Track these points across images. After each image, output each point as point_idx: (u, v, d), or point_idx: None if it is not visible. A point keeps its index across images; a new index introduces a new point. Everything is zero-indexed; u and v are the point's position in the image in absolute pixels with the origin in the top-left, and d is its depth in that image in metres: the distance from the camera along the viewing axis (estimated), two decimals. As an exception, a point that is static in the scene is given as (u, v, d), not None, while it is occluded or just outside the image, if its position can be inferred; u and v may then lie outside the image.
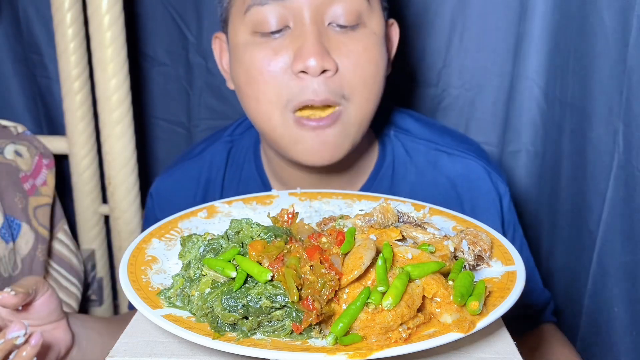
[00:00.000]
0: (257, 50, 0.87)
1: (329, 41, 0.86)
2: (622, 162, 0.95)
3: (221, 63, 1.01)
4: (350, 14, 0.86)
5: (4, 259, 1.04)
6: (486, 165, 1.03)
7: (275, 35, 0.87)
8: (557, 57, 1.18)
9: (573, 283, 1.16)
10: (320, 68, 0.84)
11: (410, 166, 1.04)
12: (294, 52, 0.85)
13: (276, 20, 0.86)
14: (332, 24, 0.87)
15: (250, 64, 0.87)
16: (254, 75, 0.87)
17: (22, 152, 1.17)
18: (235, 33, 0.90)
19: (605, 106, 0.98)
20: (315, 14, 0.85)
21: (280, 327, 0.55)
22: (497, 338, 0.60)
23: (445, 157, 1.03)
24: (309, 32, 0.85)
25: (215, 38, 1.00)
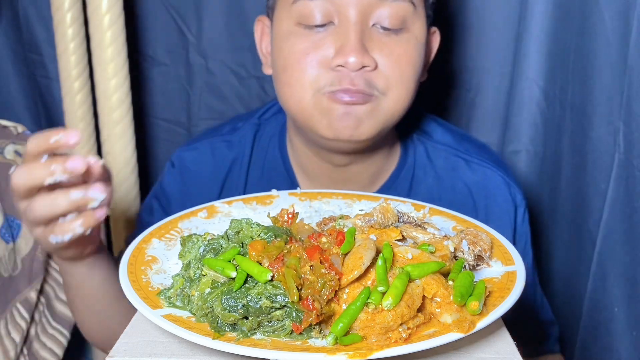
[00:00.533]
0: (299, 41, 0.89)
1: (371, 41, 0.88)
2: (622, 162, 0.95)
3: (260, 46, 1.03)
4: (396, 18, 0.88)
5: (4, 259, 1.04)
6: (505, 175, 1.05)
7: (318, 29, 0.88)
8: (557, 57, 1.18)
9: (573, 283, 1.16)
10: (359, 64, 0.86)
11: (429, 170, 1.05)
12: (335, 49, 0.87)
13: (321, 15, 0.87)
14: (376, 25, 0.89)
15: (290, 52, 0.90)
16: (291, 63, 0.90)
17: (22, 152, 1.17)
18: (280, 21, 0.92)
19: (605, 106, 0.98)
20: (361, 14, 0.87)
21: (280, 327, 0.55)
22: (497, 338, 0.60)
23: (464, 163, 1.05)
24: (352, 30, 0.87)
25: (258, 21, 1.02)
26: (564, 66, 1.14)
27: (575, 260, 1.14)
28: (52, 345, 1.13)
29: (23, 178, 0.70)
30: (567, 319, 1.17)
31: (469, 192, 1.04)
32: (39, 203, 0.70)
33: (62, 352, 1.14)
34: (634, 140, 0.91)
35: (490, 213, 1.04)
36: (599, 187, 1.01)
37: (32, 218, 0.72)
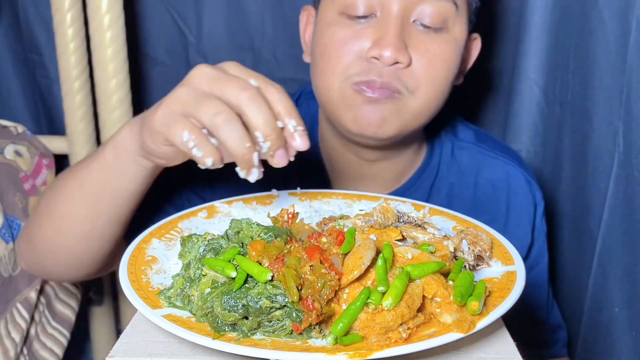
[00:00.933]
0: (340, 30, 0.91)
1: (410, 37, 0.89)
2: (622, 162, 0.95)
3: (304, 35, 1.05)
4: (437, 17, 0.89)
5: (4, 259, 1.04)
6: (526, 174, 1.06)
7: (360, 20, 0.90)
8: (557, 57, 1.18)
9: (574, 283, 1.16)
10: (393, 59, 0.87)
11: (452, 166, 1.07)
12: (373, 40, 0.88)
13: (364, 7, 0.89)
14: (416, 22, 0.90)
15: (329, 40, 0.91)
16: (329, 51, 0.91)
17: (22, 152, 1.17)
18: (324, 10, 0.94)
19: (605, 106, 0.98)
20: (403, 9, 0.88)
21: (280, 327, 0.55)
22: (497, 338, 0.60)
23: (487, 160, 1.07)
24: (392, 24, 0.88)
25: (304, 10, 1.04)
26: (564, 66, 1.14)
27: (576, 260, 1.14)
28: (52, 345, 1.13)
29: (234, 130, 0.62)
30: (568, 319, 1.17)
31: (491, 188, 1.06)
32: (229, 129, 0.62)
33: (62, 352, 1.14)
34: (633, 140, 0.91)
35: (511, 210, 1.05)
36: (599, 187, 1.01)
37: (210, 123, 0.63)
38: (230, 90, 0.63)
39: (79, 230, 0.85)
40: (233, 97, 0.63)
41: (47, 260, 0.90)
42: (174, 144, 0.65)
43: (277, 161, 0.65)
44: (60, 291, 1.18)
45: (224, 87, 0.64)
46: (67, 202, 0.84)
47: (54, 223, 0.86)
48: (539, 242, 1.07)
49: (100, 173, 0.81)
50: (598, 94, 1.00)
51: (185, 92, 0.66)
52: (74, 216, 0.84)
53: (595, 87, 1.01)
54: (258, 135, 0.63)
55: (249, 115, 0.63)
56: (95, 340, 1.45)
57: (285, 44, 1.37)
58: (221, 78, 0.65)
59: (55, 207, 0.86)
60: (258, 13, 1.35)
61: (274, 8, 1.35)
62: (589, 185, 1.05)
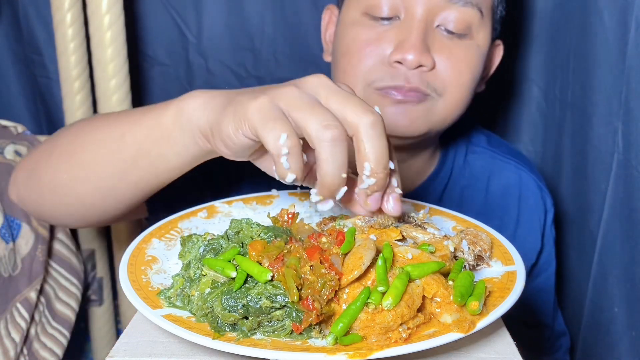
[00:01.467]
0: (363, 31, 0.90)
1: (433, 41, 0.89)
2: (621, 161, 0.95)
3: (325, 34, 1.04)
4: (461, 23, 0.89)
5: (4, 259, 1.04)
6: (538, 180, 1.07)
7: (383, 21, 0.89)
8: (557, 57, 1.18)
9: (574, 283, 1.16)
10: (416, 63, 0.86)
11: (464, 170, 1.08)
12: (396, 43, 0.88)
13: (389, 8, 0.88)
14: (440, 27, 0.89)
15: (352, 41, 0.91)
16: (351, 52, 0.90)
17: (22, 152, 1.17)
18: (347, 10, 0.93)
19: (604, 106, 0.98)
20: (428, 13, 0.88)
21: (280, 327, 0.55)
22: (497, 338, 0.60)
23: (500, 165, 1.07)
24: (416, 27, 0.87)
25: (327, 9, 1.04)
26: (564, 66, 1.14)
27: (576, 260, 1.14)
28: (52, 345, 1.13)
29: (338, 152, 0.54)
30: (568, 319, 1.17)
31: (502, 193, 1.06)
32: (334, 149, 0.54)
33: (62, 352, 1.14)
34: (633, 140, 0.91)
35: (522, 215, 1.06)
36: (599, 187, 1.01)
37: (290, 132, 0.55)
38: (352, 107, 0.55)
39: (100, 184, 0.77)
40: (353, 116, 0.55)
41: (49, 202, 0.84)
42: (264, 141, 0.55)
43: (370, 204, 0.59)
44: (60, 291, 1.18)
45: (346, 103, 0.56)
46: (97, 150, 0.76)
47: (73, 169, 0.78)
48: (547, 248, 1.08)
49: (150, 133, 0.71)
50: (597, 94, 1.00)
51: (298, 93, 0.57)
52: (100, 168, 0.76)
53: (595, 87, 1.01)
54: (366, 168, 0.56)
55: (366, 142, 0.55)
56: (95, 340, 1.45)
57: (285, 44, 1.37)
58: (343, 94, 0.57)
59: (78, 152, 0.77)
60: (258, 13, 1.35)
61: (274, 8, 1.35)
62: (589, 185, 1.05)
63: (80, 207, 0.82)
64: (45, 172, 0.82)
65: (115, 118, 0.78)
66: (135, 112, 0.76)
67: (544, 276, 1.09)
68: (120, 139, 0.74)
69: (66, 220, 0.91)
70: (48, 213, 0.90)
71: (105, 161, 0.75)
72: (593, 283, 1.05)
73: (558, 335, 1.13)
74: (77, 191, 0.79)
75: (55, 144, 0.83)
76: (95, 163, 0.76)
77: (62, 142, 0.82)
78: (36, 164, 0.85)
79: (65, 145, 0.81)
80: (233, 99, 0.62)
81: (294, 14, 1.35)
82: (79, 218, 0.86)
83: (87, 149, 0.77)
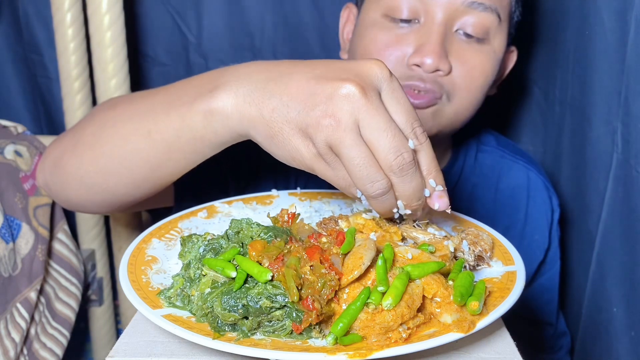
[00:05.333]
0: (382, 33, 0.91)
1: (452, 45, 0.90)
2: (620, 161, 0.95)
3: (342, 31, 1.05)
4: (480, 27, 0.90)
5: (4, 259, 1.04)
6: (545, 180, 1.09)
7: (403, 24, 0.90)
8: (557, 57, 1.18)
9: (572, 283, 1.16)
10: (434, 67, 0.87)
11: (475, 169, 1.09)
12: (415, 46, 0.88)
13: (409, 11, 0.89)
14: (459, 31, 0.90)
15: (371, 42, 0.91)
16: (370, 53, 0.91)
17: (22, 152, 1.17)
18: (367, 10, 0.94)
19: (604, 106, 0.98)
20: (448, 17, 0.88)
21: (280, 327, 0.55)
22: (497, 338, 0.60)
23: (509, 164, 1.09)
24: (435, 31, 0.88)
25: (346, 8, 1.05)
26: (564, 66, 1.14)
27: (575, 260, 1.14)
28: (52, 345, 1.13)
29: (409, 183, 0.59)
30: (567, 319, 1.17)
31: (511, 192, 1.08)
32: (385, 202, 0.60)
33: (62, 352, 1.14)
34: (632, 140, 0.91)
35: (530, 213, 1.07)
36: (598, 187, 1.01)
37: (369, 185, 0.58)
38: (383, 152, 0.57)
39: (127, 176, 0.76)
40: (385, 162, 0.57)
41: (76, 191, 0.83)
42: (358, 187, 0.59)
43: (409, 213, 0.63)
44: (60, 291, 1.18)
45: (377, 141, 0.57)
46: (124, 146, 0.74)
47: (99, 160, 0.77)
48: (553, 247, 1.09)
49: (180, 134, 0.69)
50: (597, 94, 1.01)
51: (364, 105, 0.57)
52: (127, 162, 0.75)
53: (594, 87, 1.01)
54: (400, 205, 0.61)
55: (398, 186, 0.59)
56: (95, 340, 1.45)
57: (285, 44, 1.37)
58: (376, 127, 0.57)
59: (105, 144, 0.76)
60: (258, 13, 1.35)
61: (274, 8, 1.35)
62: (588, 185, 1.05)
63: (109, 197, 0.81)
64: (71, 163, 0.81)
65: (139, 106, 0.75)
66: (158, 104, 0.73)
67: (548, 275, 1.10)
68: (148, 137, 0.72)
69: (93, 208, 0.90)
70: (74, 201, 0.89)
71: (134, 156, 0.74)
72: (592, 283, 1.05)
73: (559, 335, 1.14)
74: (107, 184, 0.79)
75: (81, 134, 0.81)
76: (124, 157, 0.75)
77: (86, 133, 0.80)
78: (62, 153, 0.84)
79: (89, 136, 0.79)
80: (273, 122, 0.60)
81: (294, 14, 1.35)
82: (108, 206, 0.85)
83: (114, 142, 0.75)
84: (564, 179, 1.17)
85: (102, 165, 0.77)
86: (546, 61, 1.23)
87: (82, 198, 0.85)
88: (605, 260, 1.00)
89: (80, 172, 0.80)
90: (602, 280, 1.01)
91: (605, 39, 0.97)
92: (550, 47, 1.20)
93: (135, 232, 1.33)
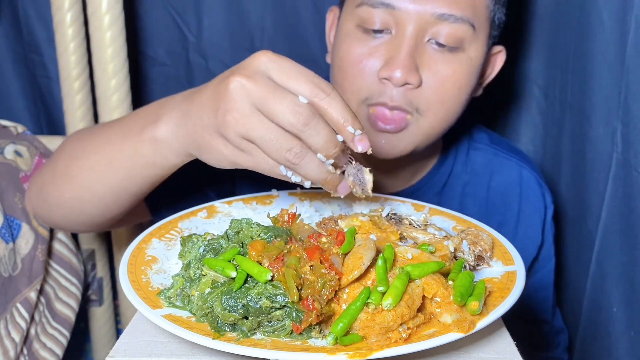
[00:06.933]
0: (355, 45, 0.91)
1: (422, 56, 0.89)
2: (620, 161, 0.95)
3: (329, 35, 1.06)
4: (452, 38, 0.89)
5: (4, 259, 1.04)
6: (538, 177, 1.09)
7: (376, 34, 0.90)
8: (557, 58, 1.18)
9: (572, 283, 1.16)
10: (403, 81, 0.87)
11: (466, 166, 1.09)
12: (385, 59, 0.89)
13: (380, 22, 0.89)
14: (431, 40, 0.89)
15: (346, 54, 0.92)
16: (345, 67, 0.92)
17: (22, 152, 1.17)
18: (344, 19, 0.95)
19: (604, 106, 0.98)
20: (418, 29, 0.88)
21: (280, 327, 0.55)
22: (497, 338, 0.60)
23: (501, 162, 1.09)
24: (405, 45, 0.88)
25: (331, 11, 1.05)
26: (563, 66, 1.14)
27: (575, 260, 1.14)
28: (52, 345, 1.13)
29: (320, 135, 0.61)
30: (567, 319, 1.17)
31: (504, 190, 1.08)
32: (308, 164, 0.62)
33: (62, 352, 1.14)
34: (632, 140, 0.91)
35: (523, 210, 1.07)
36: (598, 187, 1.01)
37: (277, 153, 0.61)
38: (281, 116, 0.61)
39: (102, 201, 0.86)
40: (288, 125, 0.61)
41: (59, 216, 0.94)
42: (262, 171, 0.64)
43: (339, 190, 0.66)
44: (60, 291, 1.18)
45: (274, 110, 0.61)
46: (90, 175, 0.84)
47: (72, 189, 0.87)
48: (547, 244, 1.09)
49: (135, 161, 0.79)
50: (597, 94, 1.01)
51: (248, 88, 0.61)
52: (94, 189, 0.85)
53: (594, 87, 1.01)
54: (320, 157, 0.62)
55: (308, 141, 0.61)
56: (95, 340, 1.45)
57: (285, 44, 1.37)
58: (267, 99, 0.61)
59: (75, 175, 0.86)
60: (258, 13, 1.35)
61: (274, 8, 1.35)
62: (588, 185, 1.05)
63: (88, 219, 0.92)
64: (50, 192, 0.91)
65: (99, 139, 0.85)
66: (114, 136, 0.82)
67: (543, 272, 1.10)
68: (109, 165, 0.82)
69: (78, 228, 1.03)
70: (60, 224, 1.02)
71: (100, 184, 0.84)
72: (591, 283, 1.05)
73: (557, 332, 1.14)
74: (82, 208, 0.89)
75: (55, 165, 0.91)
76: (92, 185, 0.85)
77: (60, 165, 0.90)
78: (43, 183, 0.94)
79: (62, 167, 0.89)
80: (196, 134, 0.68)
81: (294, 14, 1.35)
82: (89, 226, 0.97)
83: (82, 173, 0.85)
84: (564, 179, 1.17)
85: (75, 193, 0.87)
86: (546, 61, 1.23)
87: (65, 220, 0.95)
88: (605, 260, 1.00)
89: (60, 200, 0.90)
90: (602, 280, 1.01)
91: (605, 39, 0.97)
92: (550, 47, 1.20)
93: (135, 232, 1.33)
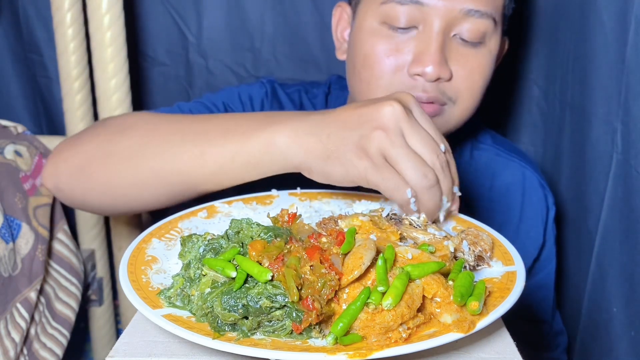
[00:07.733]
0: (381, 42, 0.92)
1: (450, 51, 0.91)
2: (620, 162, 0.95)
3: (336, 30, 1.06)
4: (476, 33, 0.92)
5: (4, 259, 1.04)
6: (540, 179, 1.10)
7: (401, 31, 0.91)
8: (557, 57, 1.18)
9: (572, 283, 1.16)
10: (435, 76, 0.89)
11: (469, 166, 1.10)
12: (414, 55, 0.90)
13: (407, 19, 0.90)
14: (456, 36, 0.92)
15: (371, 51, 0.92)
16: (370, 64, 0.93)
17: (22, 152, 1.17)
18: (364, 16, 0.94)
19: (604, 106, 0.98)
20: (445, 25, 0.90)
21: (280, 327, 0.55)
22: (497, 338, 0.60)
23: (504, 162, 1.10)
24: (434, 40, 0.89)
25: (338, 6, 1.05)
26: (564, 66, 1.14)
27: (575, 260, 1.14)
28: (52, 345, 1.13)
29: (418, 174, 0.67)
30: (567, 319, 1.17)
31: (506, 190, 1.09)
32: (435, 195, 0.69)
33: (62, 352, 1.14)
34: (632, 140, 0.91)
35: (525, 211, 1.08)
36: (598, 187, 1.01)
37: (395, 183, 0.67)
38: (422, 150, 0.68)
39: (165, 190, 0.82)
40: (429, 162, 0.68)
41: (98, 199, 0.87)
42: (385, 192, 0.69)
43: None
44: (60, 291, 1.18)
45: (419, 145, 0.68)
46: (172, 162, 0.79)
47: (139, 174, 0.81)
48: (548, 245, 1.10)
49: (235, 158, 0.76)
50: (597, 94, 1.01)
51: (388, 140, 0.67)
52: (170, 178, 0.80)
53: (594, 87, 1.01)
54: (444, 199, 0.71)
55: (441, 181, 0.70)
56: (95, 340, 1.45)
57: (285, 44, 1.37)
58: (416, 131, 0.68)
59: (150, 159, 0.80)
60: (258, 13, 1.35)
61: (274, 8, 1.35)
62: (588, 185, 1.05)
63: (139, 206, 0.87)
64: (102, 173, 0.83)
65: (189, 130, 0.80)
66: (213, 129, 0.78)
67: (544, 273, 1.11)
68: (200, 157, 0.77)
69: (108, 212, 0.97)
70: (90, 206, 0.93)
71: (181, 174, 0.79)
72: (591, 283, 1.05)
73: (556, 333, 1.14)
74: (142, 195, 0.83)
75: (114, 146, 0.83)
76: (169, 173, 0.79)
77: (122, 146, 0.82)
78: (88, 162, 0.85)
79: (126, 149, 0.82)
80: (331, 144, 0.70)
81: (294, 14, 1.35)
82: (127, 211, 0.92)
83: (161, 159, 0.79)
84: (563, 179, 1.17)
85: (141, 179, 0.81)
86: (546, 61, 1.23)
87: (104, 204, 0.89)
88: (605, 261, 1.00)
89: (112, 183, 0.83)
90: (602, 280, 1.01)
91: (605, 39, 0.97)
92: (551, 46, 1.20)
93: (135, 232, 1.33)
